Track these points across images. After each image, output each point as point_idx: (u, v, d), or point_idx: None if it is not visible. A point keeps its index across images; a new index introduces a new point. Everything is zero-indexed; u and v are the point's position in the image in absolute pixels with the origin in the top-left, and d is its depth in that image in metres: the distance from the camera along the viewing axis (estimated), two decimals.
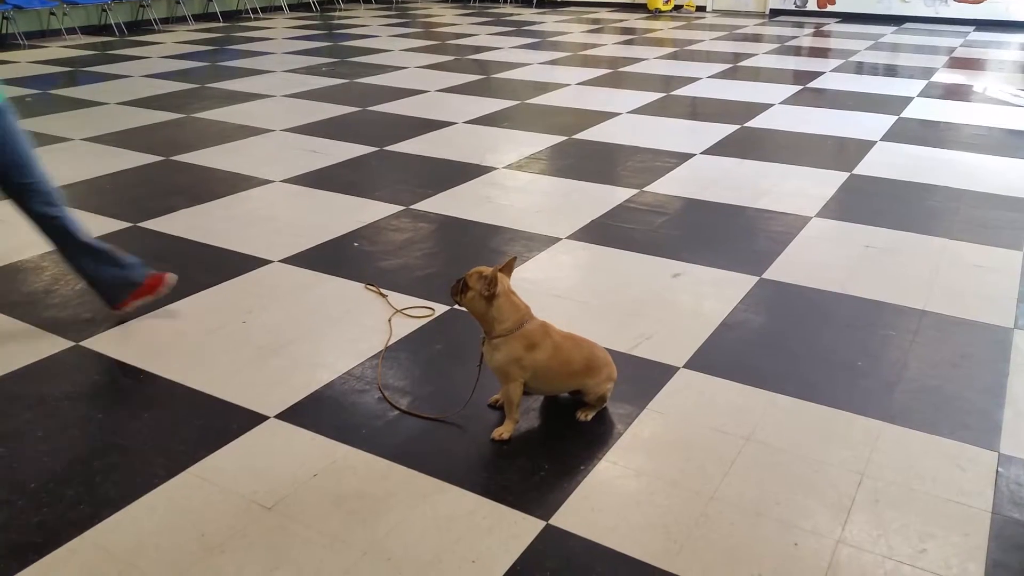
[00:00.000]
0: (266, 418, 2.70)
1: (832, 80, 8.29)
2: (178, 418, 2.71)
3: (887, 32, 11.91)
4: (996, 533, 2.19)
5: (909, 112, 6.85)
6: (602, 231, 4.30)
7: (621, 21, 13.42)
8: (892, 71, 8.84)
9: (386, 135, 6.21)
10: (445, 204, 4.73)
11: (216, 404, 2.78)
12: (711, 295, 3.57)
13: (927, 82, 8.14)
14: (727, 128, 6.39)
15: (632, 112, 6.96)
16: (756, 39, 11.32)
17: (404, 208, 4.66)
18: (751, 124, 6.52)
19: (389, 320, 3.37)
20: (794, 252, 4.02)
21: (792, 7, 14.05)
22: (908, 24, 12.82)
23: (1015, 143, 5.91)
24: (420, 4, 16.20)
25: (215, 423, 2.67)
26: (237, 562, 2.10)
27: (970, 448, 2.53)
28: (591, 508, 2.28)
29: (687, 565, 2.08)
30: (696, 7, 14.79)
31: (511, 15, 14.19)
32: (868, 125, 6.42)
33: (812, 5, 13.89)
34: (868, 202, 4.71)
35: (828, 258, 3.94)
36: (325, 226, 4.38)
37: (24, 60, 9.76)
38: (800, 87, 7.96)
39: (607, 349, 2.77)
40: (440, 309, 3.45)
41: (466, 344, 3.13)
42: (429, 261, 3.96)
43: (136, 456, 2.51)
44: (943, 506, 2.29)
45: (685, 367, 2.99)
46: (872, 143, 5.92)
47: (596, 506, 2.29)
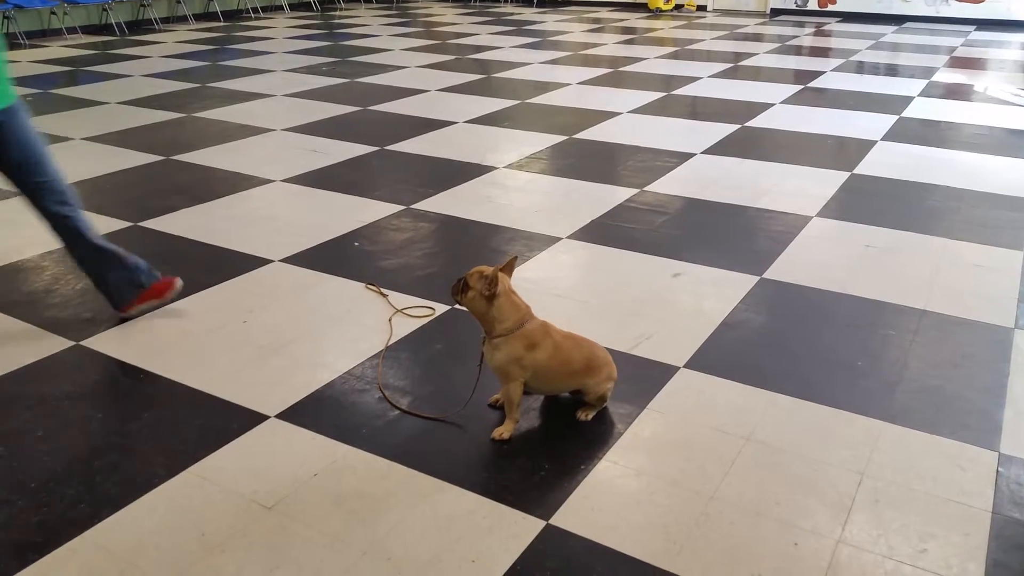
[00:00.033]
0: (266, 418, 2.70)
1: (833, 80, 8.28)
2: (178, 418, 2.71)
3: (888, 31, 11.91)
4: (996, 533, 2.19)
5: (910, 112, 6.85)
6: (602, 231, 4.30)
7: (622, 20, 13.42)
8: (893, 71, 8.84)
9: (387, 135, 6.21)
10: (445, 204, 4.73)
11: (216, 404, 2.78)
12: (711, 295, 3.57)
13: (928, 82, 8.13)
14: (728, 128, 6.39)
15: (633, 112, 6.95)
16: (757, 38, 11.31)
17: (404, 208, 4.66)
18: (752, 124, 6.52)
19: (389, 320, 3.37)
20: (794, 252, 4.02)
21: (793, 6, 14.04)
22: (909, 23, 12.82)
23: (1016, 143, 5.91)
24: (421, 3, 16.20)
25: (215, 423, 2.67)
26: (237, 562, 2.10)
27: (970, 448, 2.53)
28: (591, 508, 2.28)
29: (687, 565, 2.08)
30: (697, 6, 14.78)
31: (512, 14, 14.18)
32: (869, 125, 6.42)
33: (813, 4, 13.89)
34: (869, 202, 4.71)
35: (828, 258, 3.94)
36: (325, 226, 4.38)
37: (25, 59, 9.77)
38: (801, 87, 7.96)
39: (607, 349, 2.77)
40: (440, 309, 3.45)
41: (466, 344, 3.13)
42: (429, 261, 3.96)
43: (136, 456, 2.51)
44: (943, 506, 2.29)
45: (685, 367, 2.99)
46: (873, 143, 5.92)
47: (596, 506, 2.29)
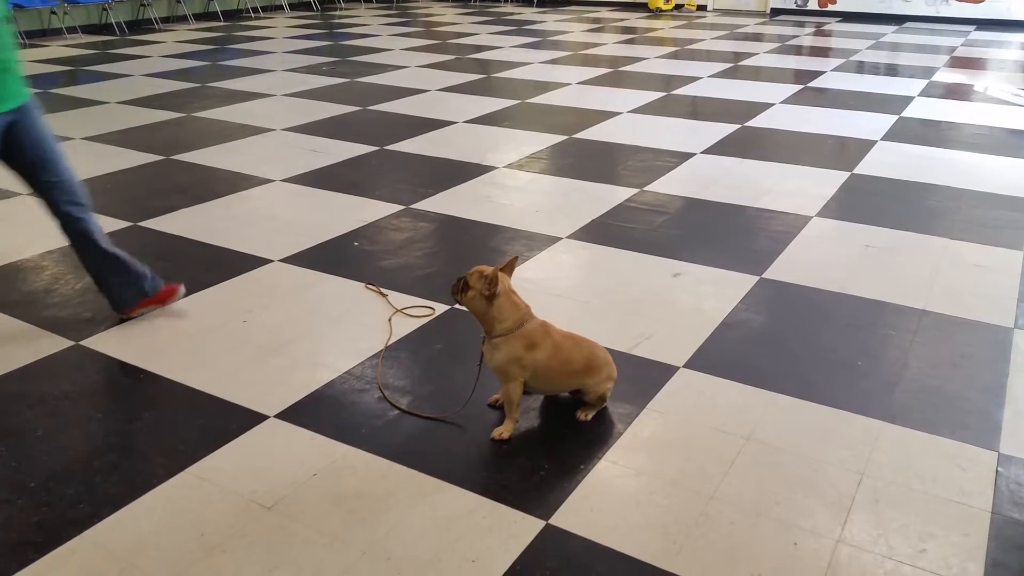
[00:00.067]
0: (266, 417, 2.70)
1: (833, 79, 8.28)
2: (178, 417, 2.71)
3: (888, 31, 11.90)
4: (996, 533, 2.19)
5: (910, 111, 6.85)
6: (602, 230, 4.30)
7: (622, 20, 13.42)
8: (893, 70, 8.84)
9: (386, 134, 6.21)
10: (445, 203, 4.73)
11: (216, 403, 2.78)
12: (711, 295, 3.56)
13: (928, 81, 8.13)
14: (727, 127, 6.39)
15: (632, 111, 6.95)
16: (757, 38, 11.31)
17: (404, 207, 4.66)
18: (752, 123, 6.52)
19: (389, 319, 3.37)
20: (794, 252, 4.02)
21: (793, 6, 14.04)
22: (909, 23, 12.82)
23: (1016, 143, 5.91)
24: (421, 3, 16.20)
25: (215, 422, 2.67)
26: (237, 562, 2.10)
27: (970, 448, 2.53)
28: (591, 508, 2.28)
29: (687, 565, 2.08)
30: (697, 6, 14.78)
31: (512, 14, 14.18)
32: (869, 124, 6.42)
33: (813, 4, 13.88)
34: (868, 202, 4.71)
35: (828, 258, 3.94)
36: (325, 225, 4.38)
37: (25, 59, 9.76)
38: (801, 86, 7.95)
39: (607, 348, 2.77)
40: (440, 308, 3.45)
41: (466, 343, 3.13)
42: (429, 260, 3.96)
43: (136, 455, 2.51)
44: (943, 506, 2.29)
45: (685, 367, 2.99)
46: (873, 142, 5.92)
47: (596, 506, 2.29)
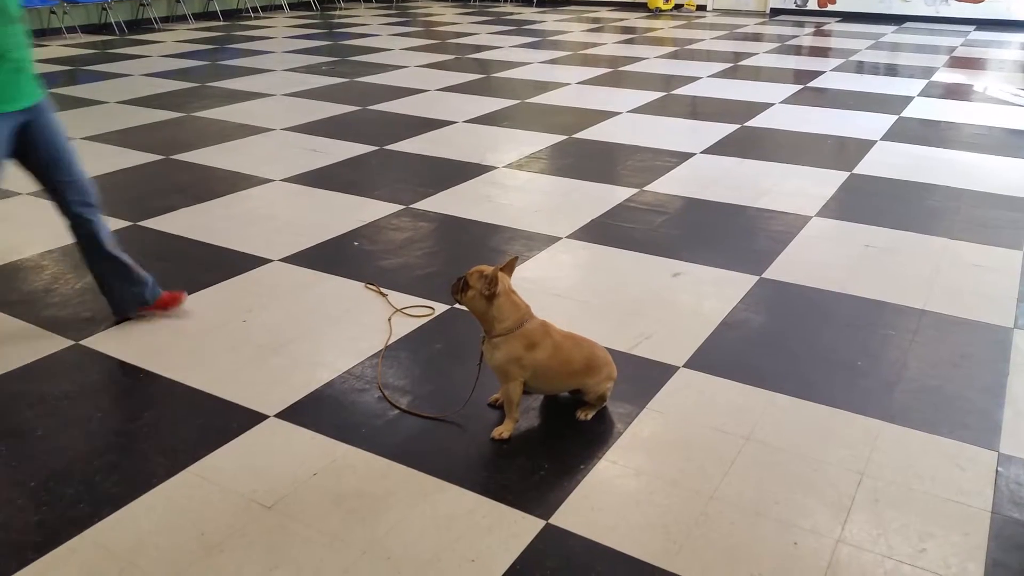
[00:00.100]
0: (266, 417, 2.70)
1: (832, 79, 8.28)
2: (178, 417, 2.71)
3: (888, 31, 11.91)
4: (996, 533, 2.19)
5: (909, 111, 6.85)
6: (602, 230, 4.30)
7: (621, 20, 13.42)
8: (892, 70, 8.84)
9: (386, 134, 6.21)
10: (445, 203, 4.73)
11: (216, 403, 2.78)
12: (711, 294, 3.56)
13: (927, 81, 8.13)
14: (727, 127, 6.39)
15: (632, 111, 6.95)
16: (756, 38, 11.31)
17: (404, 207, 4.66)
18: (751, 123, 6.52)
19: (389, 319, 3.37)
20: (794, 252, 4.02)
21: (793, 6, 14.04)
22: (908, 23, 12.82)
23: (1015, 143, 5.91)
24: (420, 3, 16.20)
25: (215, 422, 2.67)
26: (237, 561, 2.10)
27: (970, 448, 2.53)
28: (591, 507, 2.28)
29: (687, 564, 2.08)
30: (696, 6, 14.78)
31: (511, 14, 14.18)
32: (868, 124, 6.42)
33: (813, 4, 13.89)
34: (868, 202, 4.71)
35: (828, 257, 3.94)
36: (325, 225, 4.38)
37: None
38: (800, 86, 7.96)
39: (607, 348, 2.77)
40: (440, 308, 3.45)
41: (466, 343, 3.13)
42: (429, 260, 3.96)
43: (136, 455, 2.51)
44: (943, 506, 2.29)
45: (685, 366, 2.99)
46: (872, 142, 5.92)
47: (596, 505, 2.29)
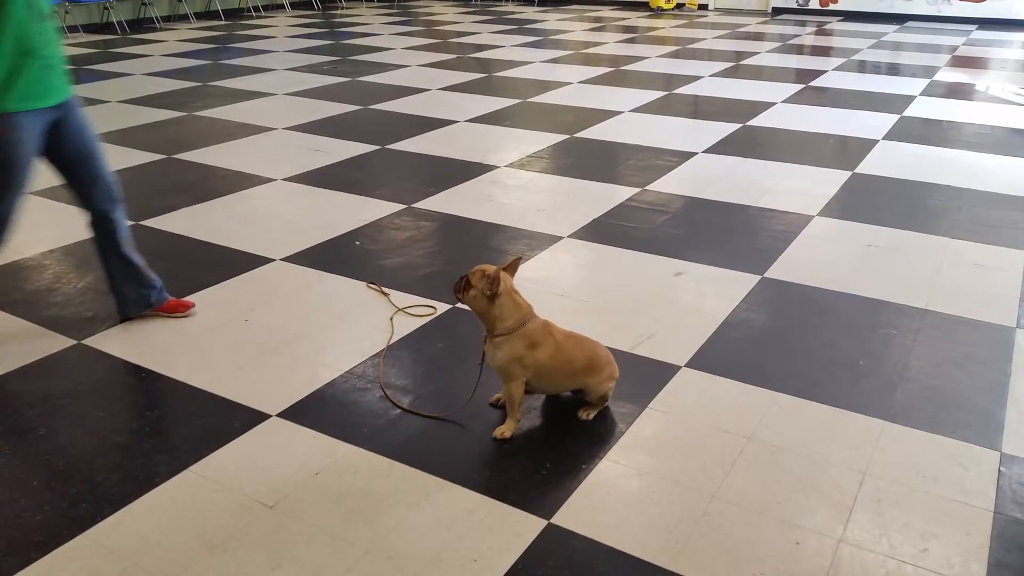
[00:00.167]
0: (268, 416, 2.70)
1: (834, 79, 8.28)
2: (180, 416, 2.72)
3: (889, 30, 11.90)
4: (998, 533, 2.19)
5: (911, 111, 6.84)
6: (604, 230, 4.30)
7: (623, 19, 13.41)
8: (894, 70, 8.83)
9: (388, 133, 6.21)
10: (447, 202, 4.73)
11: (218, 402, 2.78)
12: (713, 294, 3.56)
13: (929, 81, 8.13)
14: (729, 127, 6.38)
15: (634, 111, 6.95)
16: (758, 37, 11.31)
17: (406, 207, 4.66)
18: (753, 123, 6.51)
19: (391, 319, 3.37)
20: (796, 251, 4.02)
21: (794, 5, 14.03)
22: (910, 22, 12.81)
23: (1017, 142, 5.90)
24: (422, 2, 16.20)
25: (217, 421, 2.67)
26: (239, 560, 2.10)
27: (972, 447, 2.53)
28: (593, 507, 2.28)
29: (689, 564, 2.08)
30: (698, 5, 14.77)
31: (513, 13, 14.18)
32: (870, 124, 6.42)
33: (814, 3, 13.88)
34: (870, 201, 4.71)
35: (830, 257, 3.94)
36: (327, 224, 4.38)
37: None
38: (802, 86, 7.95)
39: (609, 348, 2.77)
40: (442, 308, 3.45)
41: (468, 343, 3.13)
42: (431, 260, 3.96)
43: (138, 454, 2.51)
44: (945, 505, 2.28)
45: (687, 366, 2.99)
46: (874, 142, 5.91)
47: (598, 505, 2.29)
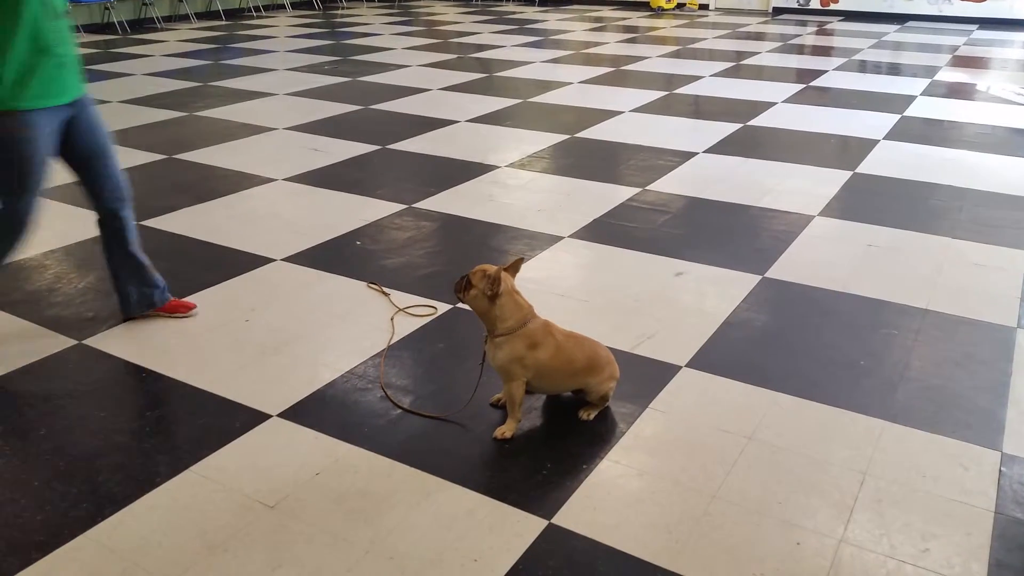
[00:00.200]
0: (268, 417, 2.70)
1: (835, 78, 8.27)
2: (180, 417, 2.72)
3: (890, 30, 11.89)
4: (999, 533, 2.19)
5: (912, 111, 6.84)
6: (604, 230, 4.30)
7: (624, 19, 13.41)
8: (895, 69, 8.83)
9: (388, 133, 6.21)
10: (447, 202, 4.73)
11: (219, 403, 2.78)
12: (713, 294, 3.56)
13: (930, 80, 8.12)
14: (730, 127, 6.38)
15: (635, 110, 6.95)
16: (759, 37, 11.30)
17: (406, 207, 4.66)
18: (754, 123, 6.51)
19: (391, 319, 3.37)
20: (797, 251, 4.01)
21: (795, 5, 14.02)
22: (911, 22, 12.80)
23: (1018, 142, 5.90)
24: (422, 2, 16.20)
25: (218, 422, 2.67)
26: (239, 560, 2.10)
27: (973, 447, 2.53)
28: (593, 507, 2.28)
29: (689, 564, 2.08)
30: (699, 5, 14.77)
31: (514, 13, 14.18)
32: (871, 124, 6.41)
33: (815, 3, 13.87)
34: (871, 201, 4.71)
35: (831, 257, 3.94)
36: (327, 224, 4.38)
37: None
38: (803, 85, 7.95)
39: (609, 348, 2.77)
40: (442, 308, 3.45)
41: (468, 343, 3.13)
42: (431, 260, 3.96)
43: (139, 454, 2.51)
44: (946, 505, 2.28)
45: (687, 366, 2.99)
46: (875, 142, 5.91)
47: (598, 505, 2.29)
